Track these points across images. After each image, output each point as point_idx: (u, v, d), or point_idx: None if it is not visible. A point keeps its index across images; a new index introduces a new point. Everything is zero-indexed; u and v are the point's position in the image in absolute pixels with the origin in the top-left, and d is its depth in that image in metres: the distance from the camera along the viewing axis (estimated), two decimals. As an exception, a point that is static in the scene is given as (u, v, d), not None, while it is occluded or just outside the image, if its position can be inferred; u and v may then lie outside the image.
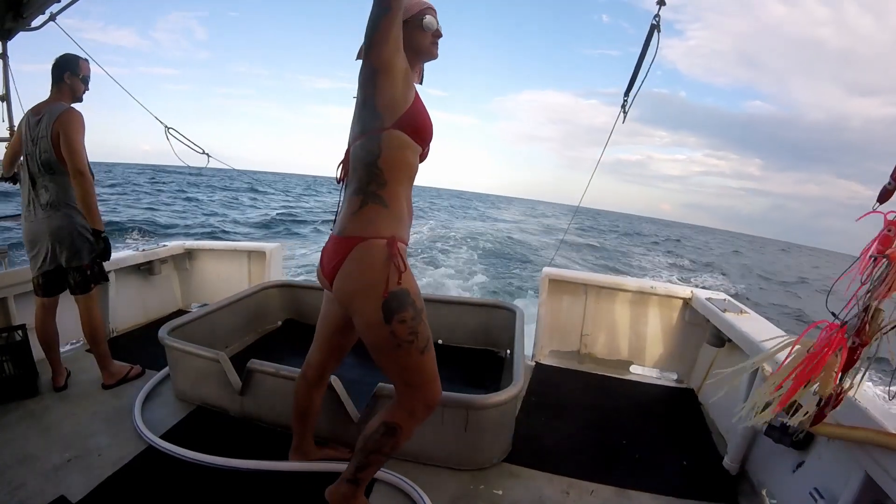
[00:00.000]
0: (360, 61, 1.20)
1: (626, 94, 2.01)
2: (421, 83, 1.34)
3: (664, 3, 1.79)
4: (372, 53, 1.13)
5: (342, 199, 1.29)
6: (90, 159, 2.04)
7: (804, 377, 0.88)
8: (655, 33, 1.82)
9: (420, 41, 1.24)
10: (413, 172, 1.26)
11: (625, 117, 2.08)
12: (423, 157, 1.31)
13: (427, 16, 1.22)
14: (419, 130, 1.22)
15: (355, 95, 1.24)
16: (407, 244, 1.26)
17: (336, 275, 1.22)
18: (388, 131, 1.17)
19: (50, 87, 2.06)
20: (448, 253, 13.80)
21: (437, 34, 1.26)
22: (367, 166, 1.19)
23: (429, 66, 1.35)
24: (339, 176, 1.33)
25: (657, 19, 1.81)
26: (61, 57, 2.07)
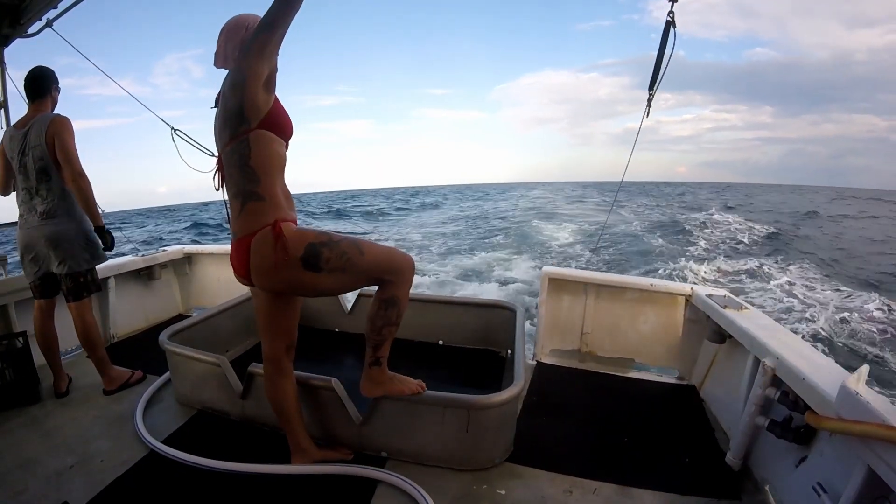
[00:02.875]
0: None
1: (650, 88, 2.05)
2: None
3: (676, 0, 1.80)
4: (246, 63, 1.26)
5: (226, 202, 1.44)
6: (115, 210, 2.08)
7: None
8: (672, 29, 1.84)
9: None
10: (283, 163, 1.41)
11: (649, 111, 2.13)
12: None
13: None
14: (282, 128, 1.37)
15: (213, 106, 1.38)
16: (293, 220, 1.42)
17: (252, 274, 1.38)
18: (255, 132, 1.31)
19: (28, 102, 2.07)
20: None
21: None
22: (240, 168, 1.33)
23: (428, 66, 1.42)
24: (216, 184, 1.47)
25: (671, 15, 1.83)
26: (43, 71, 2.08)
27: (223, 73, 1.39)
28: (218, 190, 1.47)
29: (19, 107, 2.63)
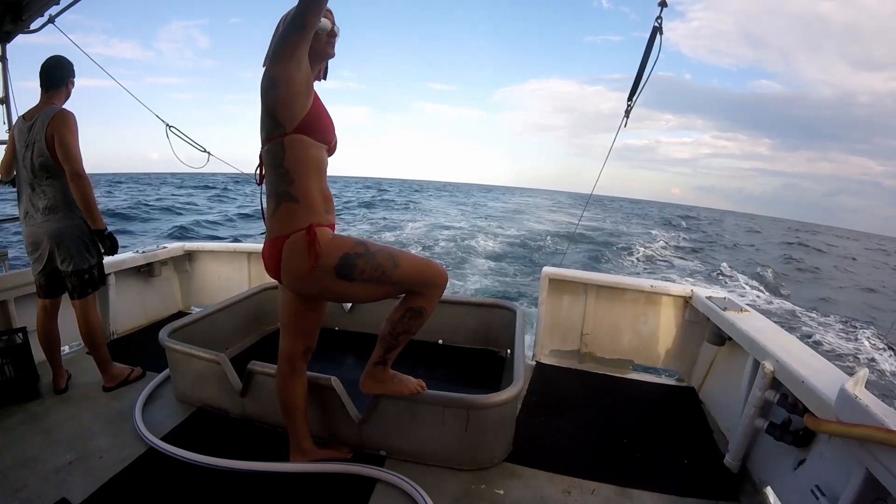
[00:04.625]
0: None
1: (630, 98, 1.97)
2: (325, 79, 1.48)
3: (665, 5, 1.77)
4: (276, 66, 1.22)
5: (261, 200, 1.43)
6: (102, 171, 2.04)
7: None
8: (658, 35, 1.80)
9: (316, 43, 1.33)
10: (320, 165, 1.37)
11: (626, 122, 2.05)
12: (332, 150, 1.44)
13: (322, 18, 1.29)
14: (319, 131, 1.34)
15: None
16: (331, 225, 1.40)
17: (282, 276, 1.36)
18: (290, 136, 1.28)
19: (41, 92, 2.03)
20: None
21: (332, 34, 1.37)
22: (275, 169, 1.32)
23: (432, 62, 1.44)
24: (257, 179, 1.45)
25: (659, 21, 1.79)
26: (60, 61, 2.05)
27: (229, 45, 1.34)
28: (259, 185, 1.46)
29: (23, 101, 2.63)
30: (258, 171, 1.43)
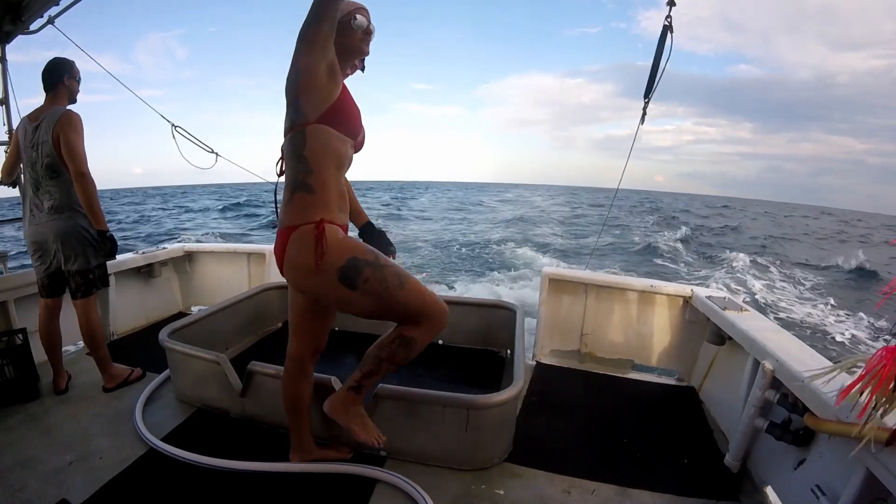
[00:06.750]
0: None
1: (646, 95, 2.03)
2: (363, 71, 1.47)
3: (674, 4, 1.79)
4: (298, 58, 1.23)
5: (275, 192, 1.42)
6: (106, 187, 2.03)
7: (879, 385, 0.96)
8: (669, 34, 1.84)
9: (349, 40, 1.34)
10: (342, 161, 1.35)
11: (643, 119, 2.14)
12: (358, 147, 1.43)
13: (357, 16, 1.33)
14: (344, 123, 1.32)
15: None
16: (344, 225, 1.37)
17: (284, 268, 1.33)
18: (313, 126, 1.27)
19: (45, 94, 2.05)
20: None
21: (367, 31, 1.37)
22: (295, 157, 1.30)
23: (413, 61, 1.43)
24: (278, 170, 1.41)
25: (669, 20, 1.82)
26: (55, 62, 2.06)
27: (207, 53, 1.35)
28: (280, 176, 1.41)
29: (25, 101, 2.65)
30: (279, 164, 1.39)
